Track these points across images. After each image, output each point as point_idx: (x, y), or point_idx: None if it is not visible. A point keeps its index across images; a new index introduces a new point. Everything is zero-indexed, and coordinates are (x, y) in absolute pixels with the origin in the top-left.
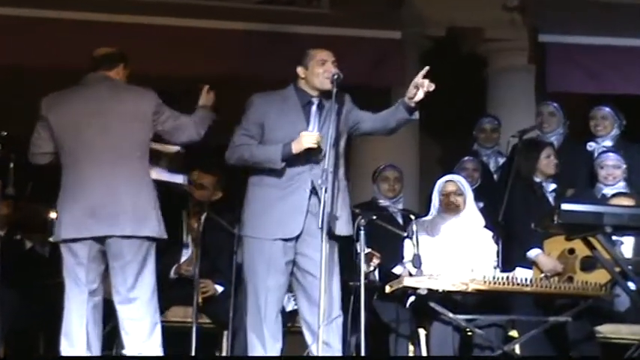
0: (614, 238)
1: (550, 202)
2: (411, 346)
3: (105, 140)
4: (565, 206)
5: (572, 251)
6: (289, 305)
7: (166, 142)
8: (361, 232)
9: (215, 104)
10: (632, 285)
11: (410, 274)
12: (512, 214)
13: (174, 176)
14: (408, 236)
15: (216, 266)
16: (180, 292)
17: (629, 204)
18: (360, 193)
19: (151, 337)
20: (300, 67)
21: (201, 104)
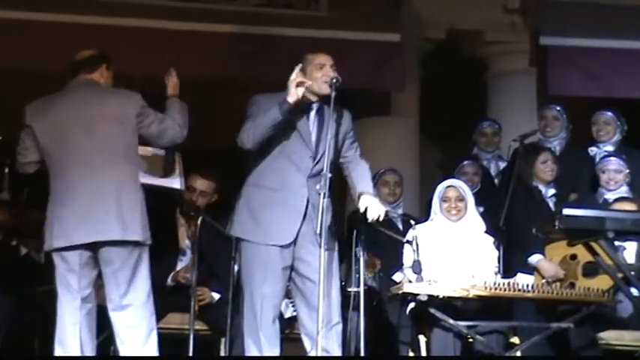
0: (616, 243)
1: (550, 207)
2: (411, 353)
3: (90, 145)
4: (567, 211)
5: (574, 257)
6: (288, 312)
7: (154, 146)
8: (361, 237)
9: (178, 86)
10: (634, 291)
11: (410, 280)
12: (512, 219)
13: (169, 181)
14: (408, 242)
15: (214, 272)
16: (178, 299)
17: (631, 209)
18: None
19: (147, 343)
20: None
21: (171, 93)
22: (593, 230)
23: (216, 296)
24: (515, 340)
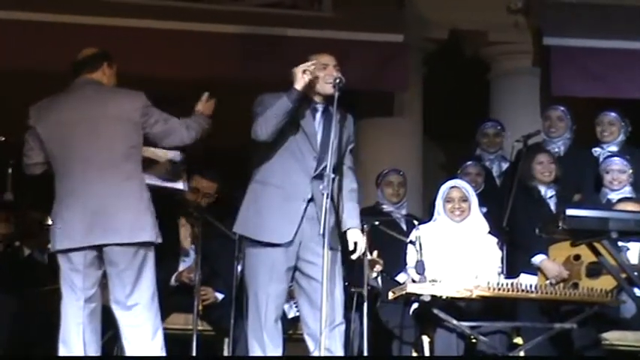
0: (619, 243)
1: (550, 207)
2: (415, 353)
3: (94, 146)
4: (570, 212)
5: (577, 257)
6: (291, 312)
7: (160, 146)
8: (364, 237)
9: (213, 113)
10: (638, 291)
11: (413, 280)
12: (514, 220)
13: (174, 183)
14: (411, 242)
15: (216, 273)
16: (181, 299)
17: (634, 209)
18: (363, 198)
19: (153, 342)
20: None
21: (198, 109)
22: (596, 230)
23: (220, 296)
24: (519, 341)
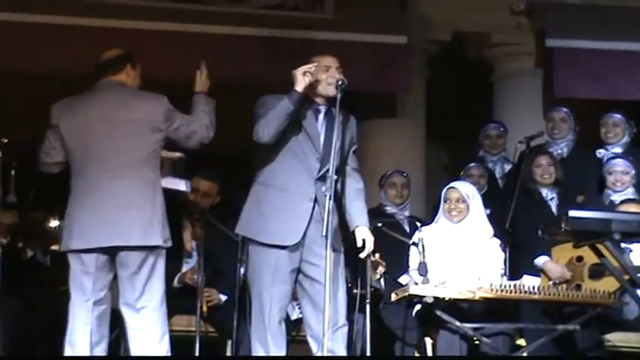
0: (622, 245)
1: (551, 209)
2: (417, 355)
3: (114, 148)
4: (573, 213)
5: (580, 259)
6: (294, 314)
7: (174, 148)
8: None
9: (212, 85)
10: None
11: (416, 282)
12: (517, 221)
13: (176, 183)
14: (414, 244)
15: (219, 274)
16: (184, 300)
17: (637, 211)
18: (366, 199)
19: (159, 345)
20: None
21: (199, 89)
22: (599, 232)
23: (223, 298)
24: (522, 342)
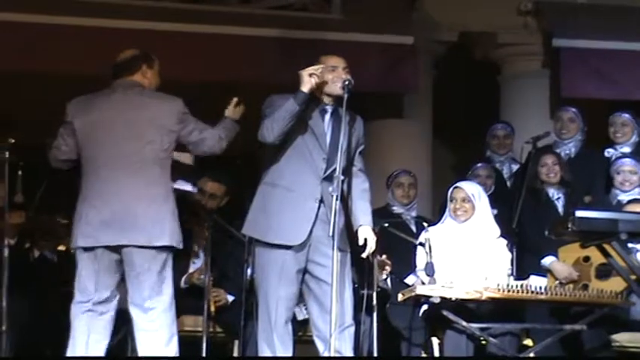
0: (629, 245)
1: (558, 209)
2: (424, 355)
3: (126, 148)
4: (580, 213)
5: (587, 259)
6: (300, 314)
7: (187, 152)
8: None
9: (243, 117)
10: None
11: (422, 282)
12: (523, 221)
13: (183, 184)
14: (420, 244)
15: (226, 275)
16: (191, 301)
17: None
18: (373, 199)
19: (167, 348)
20: None
21: (228, 115)
22: (606, 232)
23: (230, 298)
24: (529, 342)
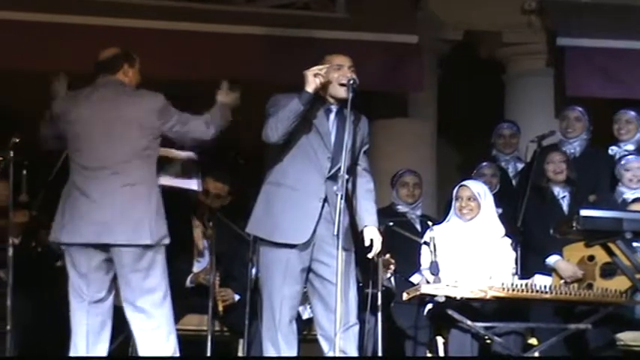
0: (634, 244)
1: (563, 208)
2: (429, 354)
3: (108, 147)
4: (584, 212)
5: (591, 258)
6: (305, 313)
7: (177, 147)
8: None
9: (236, 104)
10: None
11: (427, 281)
12: (527, 220)
13: (187, 182)
14: (425, 243)
15: (231, 274)
16: (196, 300)
17: None
18: (377, 199)
19: (165, 346)
20: None
21: (221, 101)
22: (610, 231)
23: (236, 297)
24: (533, 341)
